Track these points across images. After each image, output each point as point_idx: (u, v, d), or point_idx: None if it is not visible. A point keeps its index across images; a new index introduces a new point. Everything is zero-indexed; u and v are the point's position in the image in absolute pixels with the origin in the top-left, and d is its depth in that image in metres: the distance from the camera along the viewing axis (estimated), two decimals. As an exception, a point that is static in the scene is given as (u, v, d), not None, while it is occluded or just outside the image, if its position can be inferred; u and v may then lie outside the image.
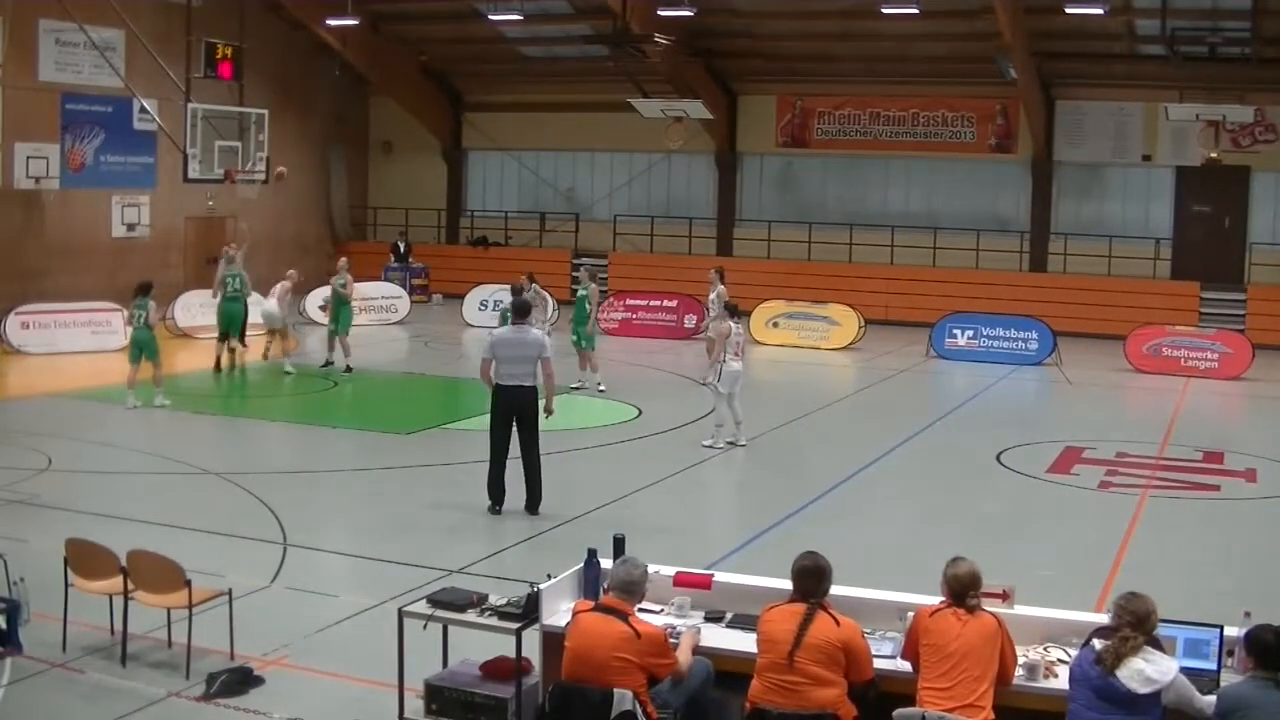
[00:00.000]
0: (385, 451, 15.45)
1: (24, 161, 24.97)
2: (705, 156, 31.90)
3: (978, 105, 29.34)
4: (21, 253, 25.31)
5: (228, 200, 27.78)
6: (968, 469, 14.74)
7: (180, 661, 7.89)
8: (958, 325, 24.26)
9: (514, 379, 11.67)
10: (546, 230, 33.15)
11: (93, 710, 7.38)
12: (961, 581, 6.14)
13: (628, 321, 26.26)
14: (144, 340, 16.94)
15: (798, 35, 29.22)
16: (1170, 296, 26.87)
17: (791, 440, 16.28)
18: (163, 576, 7.95)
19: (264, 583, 9.65)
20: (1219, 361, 22.21)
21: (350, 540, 11.36)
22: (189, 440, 15.45)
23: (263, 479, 13.06)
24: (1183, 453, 15.67)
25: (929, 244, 29.11)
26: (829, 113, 30.75)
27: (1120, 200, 29.00)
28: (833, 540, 9.39)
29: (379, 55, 31.89)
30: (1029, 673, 6.14)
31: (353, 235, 34.33)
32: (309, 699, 7.58)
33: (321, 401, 18.34)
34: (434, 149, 34.64)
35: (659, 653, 6.16)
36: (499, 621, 6.82)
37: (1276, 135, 27.10)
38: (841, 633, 6.04)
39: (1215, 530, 12.40)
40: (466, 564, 10.16)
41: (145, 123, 26.10)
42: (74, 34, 24.59)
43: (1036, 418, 19.28)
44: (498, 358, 11.75)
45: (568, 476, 14.04)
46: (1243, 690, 5.59)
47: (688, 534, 11.83)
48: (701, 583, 7.17)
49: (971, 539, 10.93)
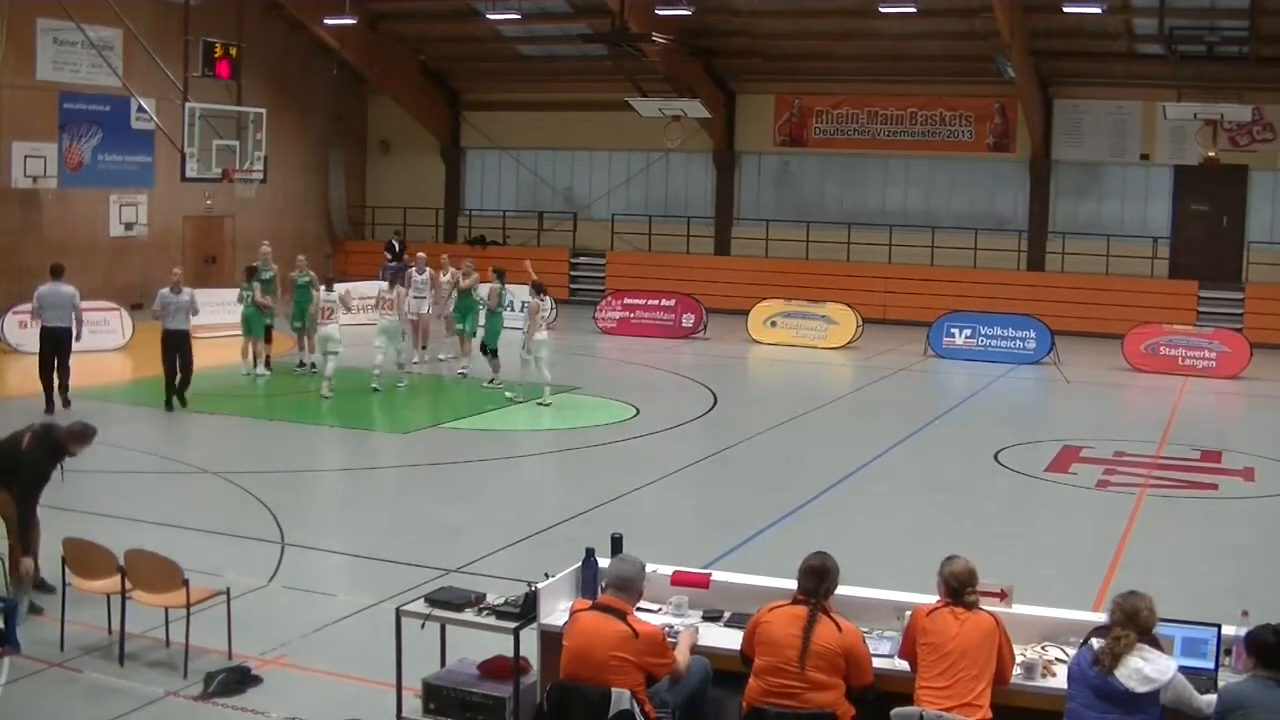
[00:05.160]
0: (383, 451, 15.46)
1: (22, 161, 24.94)
2: (703, 155, 31.90)
3: (976, 104, 29.35)
4: (20, 252, 25.29)
5: (226, 199, 27.82)
6: (966, 468, 14.74)
7: (178, 661, 7.89)
8: (956, 324, 24.26)
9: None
10: (544, 229, 33.14)
11: (91, 709, 7.37)
12: (959, 578, 6.14)
13: (625, 320, 26.24)
14: (248, 316, 19.15)
15: (796, 34, 29.23)
16: (1168, 295, 26.88)
17: (789, 439, 16.27)
18: (161, 576, 7.94)
19: (262, 582, 9.65)
20: (1217, 360, 22.22)
21: (348, 539, 11.35)
22: (187, 439, 15.44)
23: (260, 478, 13.05)
24: (1180, 451, 15.67)
25: (927, 243, 29.12)
26: (827, 112, 30.76)
27: (1118, 199, 29.01)
28: (830, 540, 9.37)
29: (377, 54, 31.90)
30: (1027, 672, 6.14)
31: (351, 234, 34.34)
32: (307, 698, 7.57)
33: (319, 401, 18.32)
34: (432, 148, 34.64)
35: (657, 652, 6.15)
36: (497, 621, 6.82)
37: (1274, 134, 27.11)
38: (843, 639, 6.04)
39: (1213, 529, 12.41)
40: (464, 563, 10.15)
41: (143, 122, 26.09)
42: (72, 33, 24.58)
43: (1034, 417, 19.29)
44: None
45: (566, 475, 14.06)
46: (1244, 689, 5.59)
47: (685, 533, 11.84)
48: (699, 582, 7.17)
49: (969, 538, 10.94)
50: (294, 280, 20.22)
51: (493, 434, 16.16)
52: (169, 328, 16.96)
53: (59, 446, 9.02)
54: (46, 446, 8.97)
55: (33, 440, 8.96)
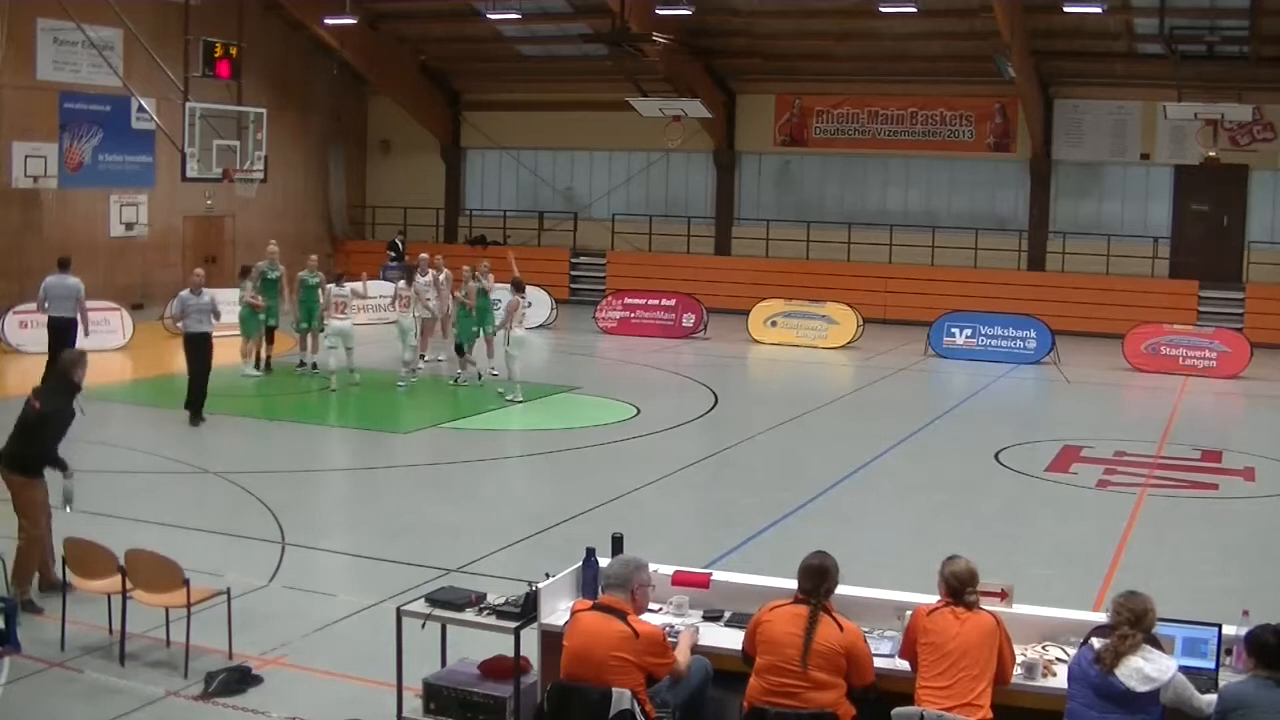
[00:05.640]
0: (384, 451, 15.46)
1: (22, 161, 24.91)
2: (704, 155, 31.89)
3: (976, 104, 29.34)
4: (20, 252, 25.29)
5: (226, 199, 27.84)
6: (966, 468, 14.74)
7: (179, 661, 7.89)
8: (956, 324, 24.26)
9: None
10: (545, 229, 33.14)
11: (91, 709, 7.37)
12: (959, 577, 6.14)
13: (626, 320, 26.24)
14: (244, 317, 19.20)
15: (796, 34, 29.23)
16: (1168, 295, 26.86)
17: (789, 439, 16.27)
18: (161, 576, 7.95)
19: (262, 582, 9.65)
20: (1217, 360, 22.21)
21: (348, 539, 11.36)
22: (187, 439, 15.44)
23: (261, 478, 13.06)
24: (1181, 451, 15.68)
25: (927, 243, 29.11)
26: (827, 111, 30.75)
27: (1119, 199, 29.00)
28: (831, 539, 9.38)
29: (377, 54, 31.88)
30: (1027, 671, 6.14)
31: (351, 234, 34.33)
32: (307, 698, 7.57)
33: (320, 401, 18.34)
34: (432, 148, 34.63)
35: (657, 652, 6.15)
36: (497, 621, 6.82)
37: (1275, 134, 27.10)
38: (844, 638, 6.04)
39: (1213, 529, 12.40)
40: (465, 563, 10.16)
41: (143, 122, 26.09)
42: (72, 33, 24.57)
43: (1035, 416, 19.29)
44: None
45: (566, 475, 14.06)
46: (1244, 689, 5.59)
47: (685, 533, 11.84)
48: (700, 582, 7.17)
49: (970, 538, 10.95)
50: (303, 280, 20.15)
51: (493, 434, 16.17)
52: (192, 331, 16.19)
53: (68, 384, 9.31)
54: (58, 393, 9.26)
55: (41, 396, 9.22)
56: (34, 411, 9.14)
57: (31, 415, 9.13)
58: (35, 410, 9.14)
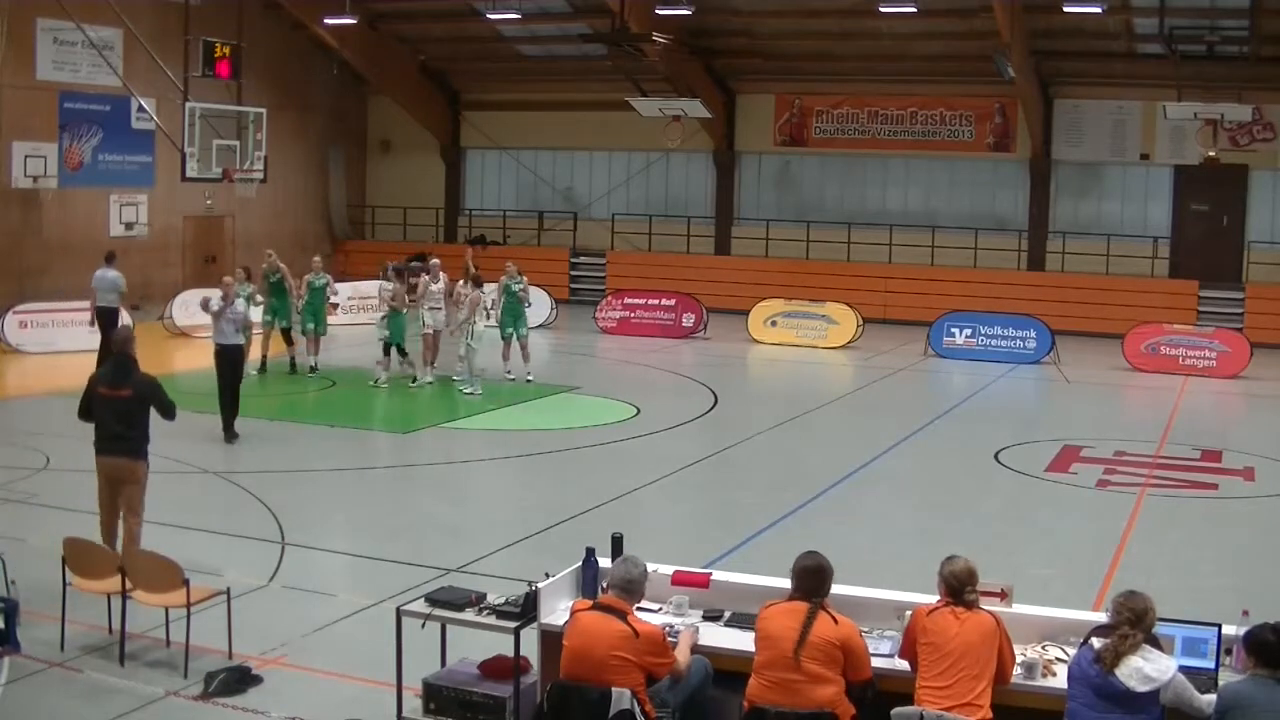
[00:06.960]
0: (384, 451, 15.47)
1: (22, 160, 24.92)
2: (703, 155, 31.90)
3: (976, 104, 29.34)
4: (20, 252, 25.30)
5: (226, 199, 27.84)
6: (966, 468, 14.74)
7: (178, 660, 7.89)
8: (956, 324, 24.26)
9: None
10: (545, 229, 33.14)
11: (91, 709, 7.37)
12: (959, 577, 6.14)
13: (626, 320, 26.24)
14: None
15: (796, 34, 29.23)
16: (1168, 295, 26.86)
17: (789, 439, 16.27)
18: (161, 576, 7.95)
19: (262, 582, 9.65)
20: (1217, 360, 22.21)
21: (348, 539, 11.36)
22: (187, 439, 15.41)
23: (261, 478, 13.06)
24: (1181, 451, 15.67)
25: (927, 243, 29.11)
26: (827, 112, 30.75)
27: (1118, 199, 29.01)
28: (830, 539, 9.41)
29: (377, 54, 31.89)
30: (1027, 671, 6.14)
31: (351, 234, 34.33)
32: (307, 698, 7.57)
33: (320, 401, 18.34)
34: (432, 148, 34.63)
35: (657, 652, 6.16)
36: (497, 620, 6.82)
37: (1274, 134, 27.10)
38: (840, 631, 6.04)
39: (1213, 529, 12.40)
40: (465, 563, 10.16)
41: (143, 122, 26.08)
42: (72, 33, 24.58)
43: (1035, 416, 19.28)
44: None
45: (566, 475, 14.06)
46: (1244, 688, 5.59)
47: (685, 533, 11.84)
48: (700, 581, 7.17)
49: (970, 537, 10.95)
50: (310, 283, 20.14)
51: (493, 434, 16.17)
52: (226, 343, 15.17)
53: (132, 360, 9.64)
54: (132, 370, 9.58)
55: (118, 381, 9.47)
56: (124, 397, 9.35)
57: (123, 400, 9.35)
58: (126, 396, 9.36)
